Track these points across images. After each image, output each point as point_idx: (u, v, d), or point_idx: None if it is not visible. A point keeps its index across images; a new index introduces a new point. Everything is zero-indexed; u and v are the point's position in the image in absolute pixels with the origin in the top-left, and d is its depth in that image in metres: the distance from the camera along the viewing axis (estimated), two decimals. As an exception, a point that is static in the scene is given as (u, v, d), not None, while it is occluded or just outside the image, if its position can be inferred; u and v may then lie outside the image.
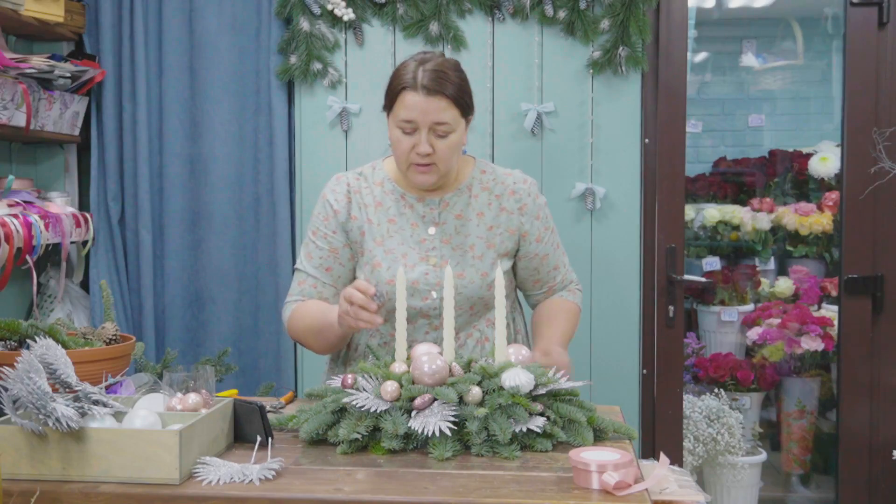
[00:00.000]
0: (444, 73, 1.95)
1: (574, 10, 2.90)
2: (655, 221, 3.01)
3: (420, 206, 2.07)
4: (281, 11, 2.93)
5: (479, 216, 2.09)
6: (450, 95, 1.94)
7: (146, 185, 2.97)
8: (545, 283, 2.19)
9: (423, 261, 2.04)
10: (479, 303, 2.07)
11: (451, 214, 2.08)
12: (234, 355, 2.94)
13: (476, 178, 2.12)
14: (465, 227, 2.07)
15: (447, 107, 1.94)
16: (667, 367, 3.03)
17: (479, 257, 2.06)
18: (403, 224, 2.07)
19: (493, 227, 2.08)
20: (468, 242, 2.07)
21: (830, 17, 4.61)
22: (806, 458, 3.90)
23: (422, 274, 2.03)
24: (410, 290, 2.01)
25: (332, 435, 1.67)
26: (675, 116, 3.01)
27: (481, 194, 2.10)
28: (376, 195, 2.09)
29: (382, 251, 2.05)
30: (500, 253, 2.08)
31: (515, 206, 2.10)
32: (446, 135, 1.96)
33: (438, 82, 1.93)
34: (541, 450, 1.64)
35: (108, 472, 1.48)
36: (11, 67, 2.50)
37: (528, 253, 2.13)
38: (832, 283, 4.13)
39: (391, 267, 2.02)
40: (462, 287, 2.03)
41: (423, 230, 2.07)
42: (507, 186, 2.11)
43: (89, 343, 2.00)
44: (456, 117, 1.97)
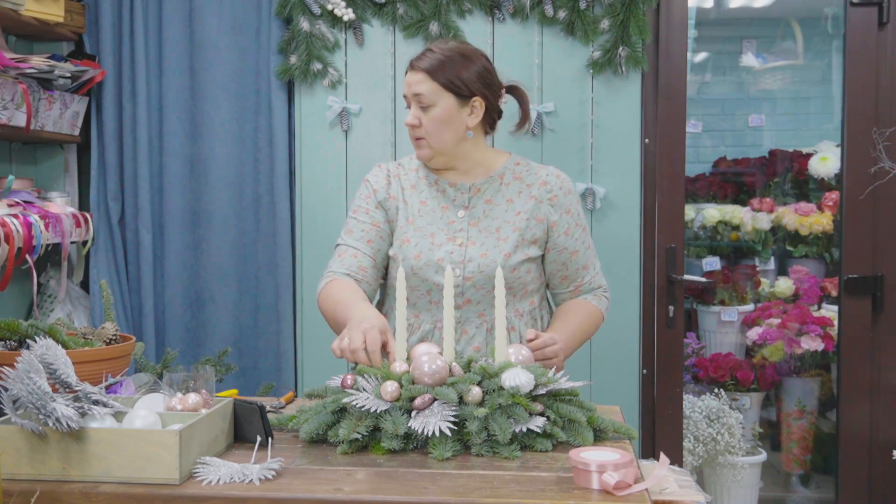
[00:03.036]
0: (433, 50, 2.12)
1: (574, 10, 2.90)
2: (655, 221, 3.01)
3: (451, 191, 2.19)
4: (281, 11, 2.93)
5: (509, 202, 2.17)
6: (426, 69, 2.10)
7: (146, 185, 2.97)
8: (572, 281, 2.22)
9: (451, 241, 2.14)
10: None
11: (482, 199, 2.18)
12: (234, 355, 2.95)
13: (509, 168, 2.21)
14: (493, 211, 2.16)
15: (423, 79, 2.10)
16: (667, 367, 3.03)
17: (505, 239, 2.13)
18: (435, 206, 2.18)
19: (522, 213, 2.15)
20: (495, 225, 2.15)
21: (830, 17, 4.61)
22: (806, 458, 3.90)
23: (447, 253, 2.12)
24: (435, 267, 2.11)
25: (332, 435, 1.67)
26: (675, 116, 3.01)
27: (513, 183, 2.19)
28: (412, 179, 2.23)
29: (413, 229, 2.16)
30: (527, 238, 2.14)
31: (546, 196, 2.17)
32: (427, 108, 2.10)
33: (420, 57, 2.12)
34: (541, 450, 1.64)
35: (108, 472, 1.48)
36: (11, 67, 2.50)
37: (556, 245, 2.18)
38: (832, 283, 4.13)
39: (419, 243, 2.14)
40: (485, 266, 2.10)
41: (454, 213, 2.17)
42: (539, 177, 2.19)
43: (89, 343, 2.00)
44: (434, 90, 2.09)
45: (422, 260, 2.12)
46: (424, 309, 2.15)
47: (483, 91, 2.14)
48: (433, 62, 2.10)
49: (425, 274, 2.12)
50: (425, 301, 2.15)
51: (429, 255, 2.12)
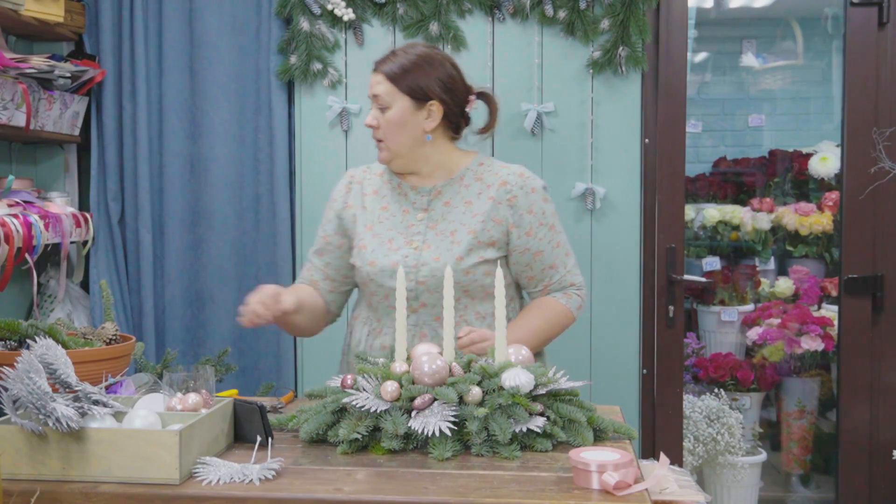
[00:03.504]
0: (395, 52, 2.15)
1: (574, 10, 2.90)
2: (655, 221, 3.01)
3: (413, 194, 2.19)
4: (281, 11, 2.93)
5: (468, 204, 2.16)
6: (384, 70, 2.12)
7: (146, 185, 2.97)
8: (539, 281, 2.20)
9: (408, 244, 2.15)
10: (455, 288, 2.10)
11: (441, 202, 2.18)
12: (234, 355, 2.94)
13: (471, 169, 2.20)
14: (450, 214, 2.16)
15: (381, 81, 2.12)
16: (667, 367, 3.03)
17: (458, 242, 2.12)
18: (396, 210, 2.19)
19: (479, 215, 2.14)
20: (451, 228, 2.14)
21: (830, 17, 4.61)
22: (806, 458, 3.90)
23: (402, 257, 2.13)
24: (389, 272, 2.11)
25: (332, 435, 1.67)
26: (675, 116, 3.01)
27: (473, 184, 2.18)
28: (375, 185, 2.24)
29: (371, 235, 2.18)
30: (482, 241, 2.13)
31: (505, 196, 2.15)
32: (384, 109, 2.12)
33: (382, 59, 2.15)
34: (541, 450, 1.64)
35: (108, 472, 1.48)
36: (11, 67, 2.50)
37: (517, 246, 2.16)
38: (832, 283, 4.13)
39: (375, 249, 2.15)
40: (437, 270, 2.10)
41: (413, 216, 2.18)
42: (500, 177, 2.17)
43: (89, 343, 2.00)
44: (389, 91, 2.11)
45: (376, 266, 2.13)
46: (385, 314, 2.17)
47: (441, 96, 2.14)
48: (393, 65, 2.12)
49: (380, 279, 2.14)
50: (384, 305, 2.16)
51: (383, 260, 2.13)
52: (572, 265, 2.24)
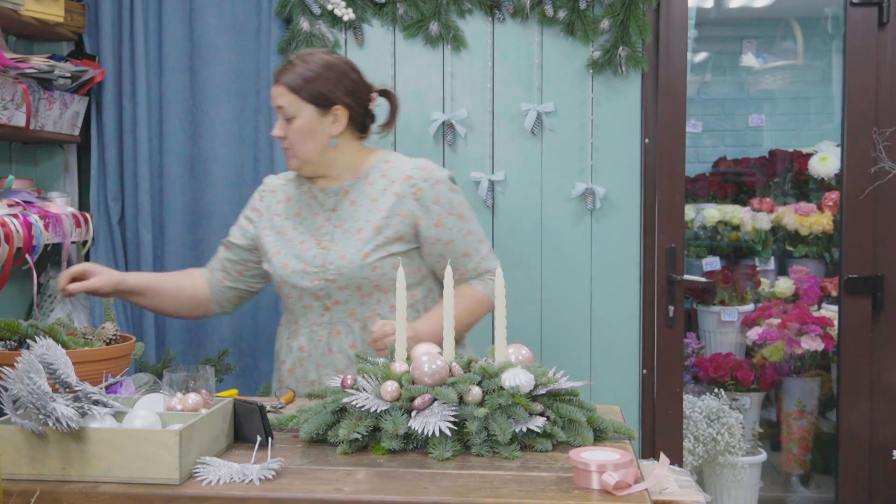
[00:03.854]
0: (293, 62, 2.19)
1: (574, 10, 2.90)
2: (655, 221, 3.01)
3: (321, 196, 2.26)
4: (281, 11, 2.93)
5: (373, 201, 2.21)
6: (284, 81, 2.17)
7: (146, 185, 2.97)
8: (454, 271, 2.22)
9: (317, 245, 2.21)
10: (365, 283, 2.17)
11: (347, 201, 2.24)
12: (234, 355, 2.94)
13: (376, 167, 2.26)
14: (357, 212, 2.22)
15: (283, 92, 2.17)
16: (667, 367, 3.03)
17: (363, 239, 2.17)
18: (307, 214, 2.27)
19: (383, 211, 2.19)
20: (357, 226, 2.20)
21: (830, 17, 4.61)
22: (806, 458, 3.90)
23: (311, 257, 2.20)
24: (301, 273, 2.19)
25: (332, 435, 1.67)
26: (675, 116, 3.01)
27: (378, 181, 2.23)
28: (288, 192, 2.33)
29: (283, 240, 2.26)
30: (388, 236, 2.18)
31: (409, 190, 2.20)
32: (290, 119, 2.18)
33: (281, 70, 2.19)
34: (541, 450, 1.64)
35: (108, 472, 1.48)
36: (11, 67, 2.50)
37: (428, 237, 2.21)
38: (832, 283, 4.13)
39: (287, 253, 2.23)
40: (343, 267, 2.16)
41: (323, 217, 2.24)
42: (404, 172, 2.23)
43: (89, 343, 2.00)
44: (294, 102, 2.17)
45: (289, 269, 2.21)
46: (301, 315, 2.24)
47: (345, 100, 2.20)
48: (293, 75, 2.17)
49: (293, 281, 2.21)
50: (300, 307, 2.24)
51: (294, 262, 2.21)
52: (486, 252, 2.28)
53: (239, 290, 2.39)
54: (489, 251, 2.29)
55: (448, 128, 2.93)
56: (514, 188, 2.95)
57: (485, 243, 2.28)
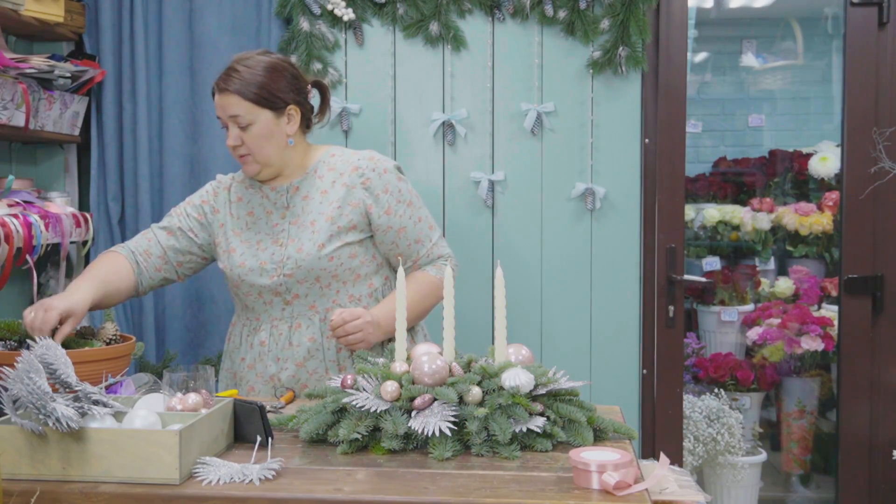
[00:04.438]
0: (237, 69, 2.16)
1: (574, 10, 2.90)
2: (655, 221, 3.01)
3: (273, 195, 2.27)
4: (281, 11, 2.93)
5: (323, 194, 2.23)
6: (235, 90, 2.14)
7: (146, 185, 2.97)
8: (408, 258, 2.28)
9: (274, 243, 2.22)
10: (323, 274, 2.20)
11: (299, 197, 2.25)
12: (234, 355, 2.94)
13: (324, 161, 2.28)
14: (309, 206, 2.23)
15: (237, 101, 2.15)
16: (667, 367, 3.03)
17: (318, 231, 2.19)
18: (261, 214, 2.27)
19: (334, 202, 2.21)
20: (310, 219, 2.22)
21: (830, 17, 4.61)
22: (806, 458, 3.90)
23: (269, 255, 2.21)
24: (259, 270, 2.20)
25: (332, 435, 1.67)
26: (675, 116, 3.01)
27: (327, 174, 2.25)
28: (240, 192, 2.32)
29: (239, 240, 2.26)
30: (342, 225, 2.20)
31: (358, 180, 2.23)
32: (247, 126, 2.17)
33: (226, 80, 2.16)
34: (541, 450, 1.64)
35: (108, 472, 1.48)
36: (11, 67, 2.50)
37: (379, 226, 2.23)
38: (832, 283, 4.13)
39: (244, 252, 2.23)
40: (300, 260, 2.18)
41: (276, 215, 2.26)
42: (351, 164, 2.25)
43: (89, 343, 2.00)
44: (249, 109, 2.16)
45: (245, 267, 2.22)
46: (262, 310, 2.26)
47: (296, 99, 2.23)
48: (242, 82, 2.16)
49: (251, 279, 2.22)
50: (260, 303, 2.25)
51: (252, 261, 2.22)
52: (437, 238, 2.31)
53: (167, 280, 2.34)
54: (440, 237, 2.32)
55: (448, 128, 2.93)
56: (514, 188, 2.95)
57: (435, 230, 2.32)
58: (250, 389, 2.25)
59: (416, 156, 2.96)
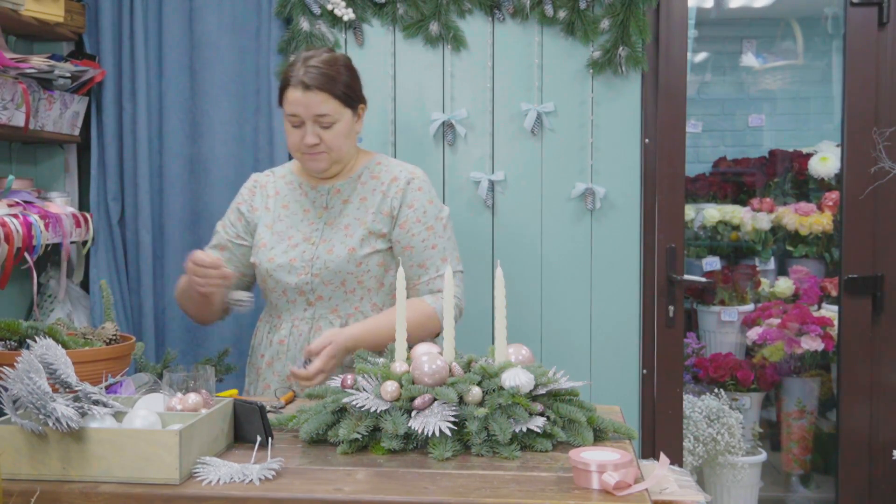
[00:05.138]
0: (323, 68, 2.15)
1: (574, 10, 2.90)
2: (655, 221, 3.01)
3: (313, 193, 2.28)
4: (281, 11, 2.93)
5: (362, 200, 2.25)
6: (327, 89, 2.14)
7: (146, 185, 2.97)
8: (409, 279, 2.22)
9: (306, 241, 2.22)
10: (349, 278, 2.19)
11: (339, 200, 2.26)
12: (234, 355, 2.94)
13: (369, 168, 2.29)
14: (346, 210, 2.24)
15: (326, 99, 2.15)
16: (667, 367, 3.03)
17: (351, 235, 2.20)
18: (296, 210, 2.28)
19: (371, 209, 2.23)
20: (345, 223, 2.22)
21: (830, 17, 4.61)
22: (806, 458, 3.90)
23: (300, 253, 2.21)
24: (287, 268, 2.20)
25: (332, 435, 1.67)
26: (675, 116, 3.01)
27: (369, 182, 2.27)
28: (278, 186, 2.33)
29: (271, 233, 2.26)
30: (374, 232, 2.21)
31: (394, 189, 2.24)
32: (330, 125, 2.17)
33: (317, 78, 2.14)
34: (541, 450, 1.64)
35: (108, 472, 1.48)
36: (11, 67, 2.50)
37: (393, 237, 2.23)
38: (832, 283, 4.13)
39: (275, 247, 2.24)
40: (329, 261, 2.18)
41: (314, 214, 2.26)
42: (392, 174, 2.27)
43: (89, 343, 2.00)
44: (337, 108, 2.16)
45: (274, 263, 2.22)
46: (284, 309, 2.25)
47: (363, 96, 2.26)
48: (330, 80, 2.15)
49: (278, 276, 2.21)
50: (283, 301, 2.25)
51: (281, 257, 2.22)
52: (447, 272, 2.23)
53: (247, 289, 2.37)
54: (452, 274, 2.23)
55: (448, 128, 2.93)
56: (514, 188, 2.95)
57: (448, 263, 2.22)
58: (266, 387, 2.26)
59: (416, 156, 2.95)
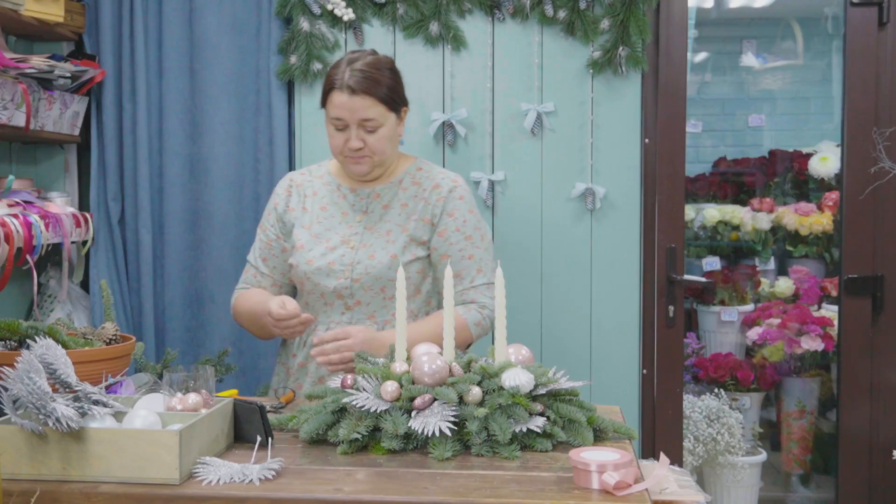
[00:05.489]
0: (369, 72, 2.13)
1: (574, 10, 2.89)
2: (655, 221, 3.01)
3: (352, 196, 2.26)
4: (281, 11, 2.93)
5: (403, 206, 2.23)
6: (374, 94, 2.12)
7: (146, 185, 2.97)
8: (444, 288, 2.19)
9: (344, 244, 2.20)
10: (389, 285, 2.17)
11: (379, 205, 2.24)
12: (234, 355, 2.94)
13: (410, 173, 2.27)
14: (387, 215, 2.22)
15: (372, 104, 2.13)
16: (667, 367, 3.03)
17: (393, 241, 2.19)
18: (335, 212, 2.26)
19: (413, 215, 2.21)
20: (386, 228, 2.21)
21: (830, 17, 4.61)
22: (806, 458, 3.90)
23: (339, 256, 2.19)
24: (326, 270, 2.18)
25: (332, 435, 1.67)
26: (675, 116, 3.01)
27: (410, 187, 2.25)
28: (315, 187, 2.31)
29: (309, 234, 2.24)
30: (415, 239, 2.20)
31: (435, 197, 2.23)
32: (375, 130, 2.16)
33: (362, 82, 2.12)
34: (541, 450, 1.64)
35: (108, 472, 1.48)
36: (11, 67, 2.50)
37: (431, 245, 2.22)
38: (832, 283, 4.13)
39: (313, 249, 2.21)
40: (371, 266, 2.16)
41: (353, 217, 2.24)
42: (434, 181, 2.25)
43: (89, 343, 2.00)
44: (383, 113, 2.14)
45: (313, 265, 2.20)
46: (321, 311, 2.23)
47: (406, 98, 2.24)
48: (376, 85, 2.13)
49: (317, 278, 2.20)
50: (321, 304, 2.23)
51: (320, 259, 2.20)
52: (481, 284, 2.22)
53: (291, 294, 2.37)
54: (484, 285, 2.22)
55: (448, 128, 2.93)
56: (514, 188, 2.95)
57: (483, 275, 2.22)
58: (299, 387, 2.25)
59: (416, 155, 2.95)
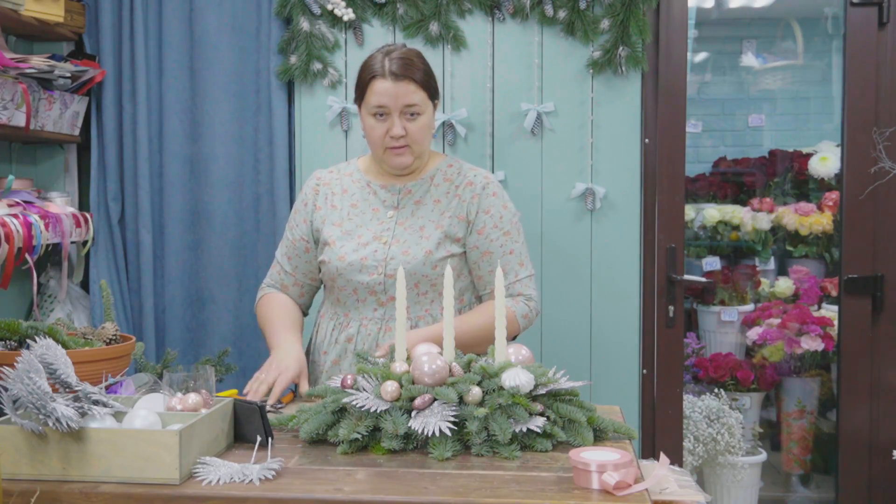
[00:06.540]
0: (409, 59, 2.15)
1: (574, 10, 2.90)
2: (655, 221, 3.01)
3: (382, 192, 2.25)
4: (281, 11, 2.93)
5: (436, 203, 2.23)
6: (417, 79, 2.14)
7: (146, 185, 2.97)
8: (487, 284, 2.24)
9: (376, 240, 2.19)
10: (423, 281, 2.18)
11: (411, 200, 2.24)
12: (234, 355, 2.94)
13: (441, 169, 2.27)
14: (420, 211, 2.22)
15: (415, 89, 2.14)
16: (667, 367, 3.03)
17: (427, 237, 2.18)
18: (365, 208, 2.25)
19: (446, 212, 2.21)
20: (419, 224, 2.20)
21: (830, 17, 4.61)
22: (806, 458, 3.90)
23: (371, 251, 2.18)
24: (359, 266, 2.17)
25: (332, 435, 1.67)
26: (675, 116, 3.01)
27: (442, 184, 2.25)
28: (345, 184, 2.30)
29: (340, 231, 2.23)
30: (449, 236, 2.20)
31: (469, 194, 2.22)
32: (417, 116, 2.15)
33: (405, 68, 2.14)
34: (541, 450, 1.64)
35: (108, 472, 1.48)
36: (11, 67, 2.50)
37: (469, 243, 2.22)
38: (832, 283, 4.13)
39: (345, 245, 2.20)
40: (405, 262, 2.15)
41: (384, 214, 2.23)
42: (467, 178, 2.25)
43: (89, 343, 1.99)
44: (424, 99, 2.16)
45: (345, 261, 2.19)
46: (353, 307, 2.23)
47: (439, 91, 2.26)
48: (419, 71, 2.16)
49: (349, 274, 2.19)
50: (353, 300, 2.22)
51: (352, 255, 2.19)
52: (525, 277, 2.24)
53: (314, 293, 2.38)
54: (528, 277, 2.24)
55: (448, 128, 2.93)
56: (514, 188, 2.95)
57: (525, 268, 2.24)
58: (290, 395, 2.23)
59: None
